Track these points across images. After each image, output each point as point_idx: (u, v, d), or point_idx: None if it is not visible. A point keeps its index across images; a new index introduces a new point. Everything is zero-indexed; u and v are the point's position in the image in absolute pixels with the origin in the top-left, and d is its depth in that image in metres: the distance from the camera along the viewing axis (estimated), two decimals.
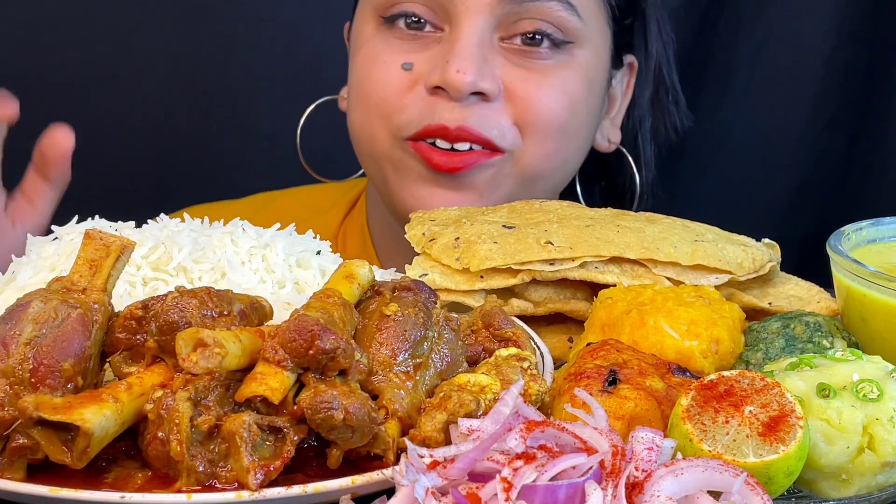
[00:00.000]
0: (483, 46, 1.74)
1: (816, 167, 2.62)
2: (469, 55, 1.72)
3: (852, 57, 2.54)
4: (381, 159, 1.84)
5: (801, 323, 1.33)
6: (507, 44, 1.78)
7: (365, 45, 1.84)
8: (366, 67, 1.82)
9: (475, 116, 1.74)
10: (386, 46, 1.80)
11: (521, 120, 1.78)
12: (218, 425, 1.03)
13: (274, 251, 1.40)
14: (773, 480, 1.04)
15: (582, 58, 1.82)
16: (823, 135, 2.60)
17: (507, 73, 1.77)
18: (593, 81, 1.86)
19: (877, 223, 1.46)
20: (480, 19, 1.74)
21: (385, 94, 1.79)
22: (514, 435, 0.99)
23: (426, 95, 1.76)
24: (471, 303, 1.43)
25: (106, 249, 1.15)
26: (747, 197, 2.59)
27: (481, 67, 1.73)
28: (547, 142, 1.80)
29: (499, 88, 1.76)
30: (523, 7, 1.75)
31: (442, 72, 1.72)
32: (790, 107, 2.57)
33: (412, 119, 1.77)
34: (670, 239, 1.48)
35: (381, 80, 1.79)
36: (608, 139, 1.99)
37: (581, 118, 1.85)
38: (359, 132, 1.87)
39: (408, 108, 1.77)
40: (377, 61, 1.81)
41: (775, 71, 2.53)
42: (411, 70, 1.77)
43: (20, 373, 1.04)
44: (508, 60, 1.77)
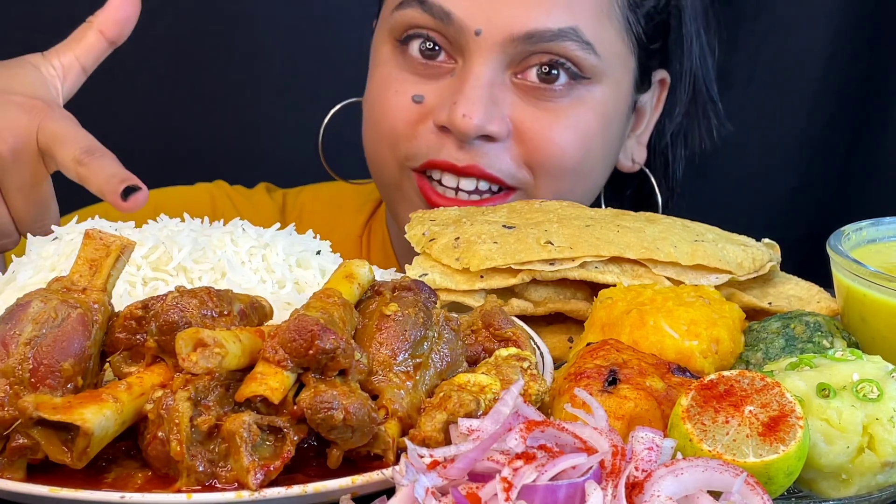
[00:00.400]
0: (493, 86, 1.71)
1: (816, 167, 2.62)
2: (477, 98, 1.69)
3: (852, 57, 2.54)
4: (388, 186, 1.84)
5: (801, 323, 1.33)
6: (520, 79, 1.74)
7: (380, 67, 1.82)
8: (379, 91, 1.81)
9: (483, 157, 1.72)
10: (399, 74, 1.78)
11: (531, 160, 1.75)
12: (218, 425, 1.03)
13: (274, 251, 1.40)
14: (773, 480, 1.04)
15: (599, 94, 1.78)
16: (823, 135, 2.60)
17: (518, 113, 1.73)
18: (611, 116, 1.81)
19: (877, 223, 1.46)
20: (491, 58, 1.71)
21: (394, 124, 1.77)
22: (514, 435, 0.99)
23: (435, 131, 1.74)
24: (471, 303, 1.43)
25: (106, 249, 1.15)
26: (747, 197, 2.59)
27: (489, 110, 1.70)
28: (560, 181, 1.77)
29: (507, 130, 1.73)
30: (536, 46, 1.71)
31: (449, 113, 1.70)
32: (790, 107, 2.57)
33: (419, 151, 1.76)
34: (670, 239, 1.48)
35: (391, 109, 1.78)
36: (632, 158, 1.95)
37: (596, 154, 1.81)
38: (370, 156, 1.86)
39: (416, 139, 1.76)
40: (389, 88, 1.79)
41: (775, 71, 2.53)
42: (422, 103, 1.75)
43: (20, 373, 1.04)
44: (520, 98, 1.74)
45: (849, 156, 2.61)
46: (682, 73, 1.94)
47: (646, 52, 1.86)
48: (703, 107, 2.00)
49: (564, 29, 1.71)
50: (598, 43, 1.74)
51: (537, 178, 1.76)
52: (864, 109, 2.56)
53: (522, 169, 1.76)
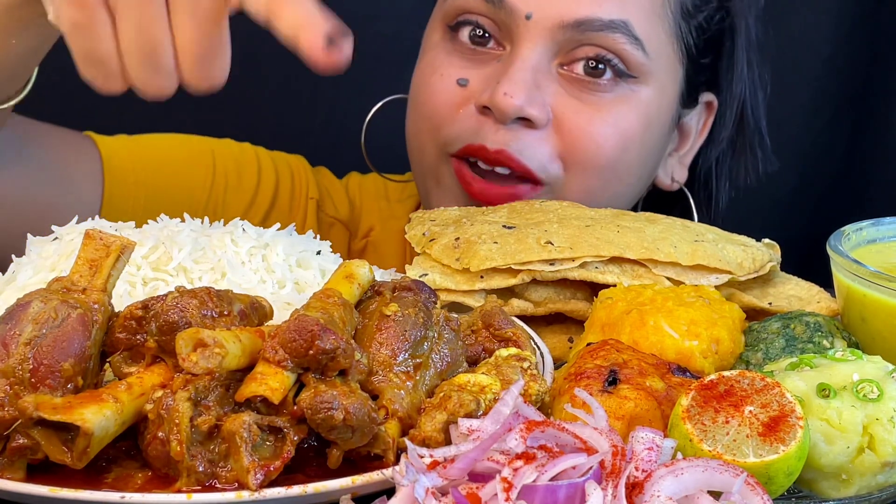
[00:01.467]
0: (538, 72, 1.71)
1: (816, 167, 2.62)
2: (520, 79, 1.69)
3: (852, 57, 2.54)
4: (426, 173, 1.83)
5: (801, 323, 1.33)
6: (566, 70, 1.73)
7: (428, 53, 1.83)
8: (424, 76, 1.81)
9: (517, 142, 1.71)
10: (446, 58, 1.79)
11: (566, 153, 1.73)
12: (218, 425, 1.03)
13: (274, 251, 1.40)
14: (773, 480, 1.04)
15: (644, 94, 1.76)
16: (823, 135, 2.60)
17: (560, 103, 1.72)
18: (653, 120, 1.79)
19: (877, 223, 1.46)
20: (540, 43, 1.70)
21: (436, 107, 1.77)
22: (514, 435, 0.99)
23: (475, 114, 1.74)
24: (471, 303, 1.43)
25: (106, 249, 1.15)
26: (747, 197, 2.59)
27: (531, 93, 1.69)
28: (590, 178, 1.75)
29: (547, 117, 1.72)
30: (586, 35, 1.70)
31: (491, 93, 1.69)
32: (790, 107, 2.57)
33: (458, 135, 1.75)
34: (670, 239, 1.49)
35: (435, 92, 1.78)
36: (672, 177, 1.93)
37: (633, 156, 1.78)
38: (411, 141, 1.86)
39: (456, 123, 1.75)
40: (435, 72, 1.79)
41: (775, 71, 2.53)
42: (466, 86, 1.75)
43: (20, 373, 1.04)
44: (564, 89, 1.73)
45: (849, 156, 2.61)
46: (730, 99, 1.92)
47: (694, 66, 1.85)
48: (751, 140, 1.98)
49: (615, 21, 1.70)
50: (648, 41, 1.74)
51: (569, 172, 1.75)
52: (864, 109, 2.57)
53: (555, 162, 1.74)
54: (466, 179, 1.74)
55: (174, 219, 1.45)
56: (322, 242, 1.49)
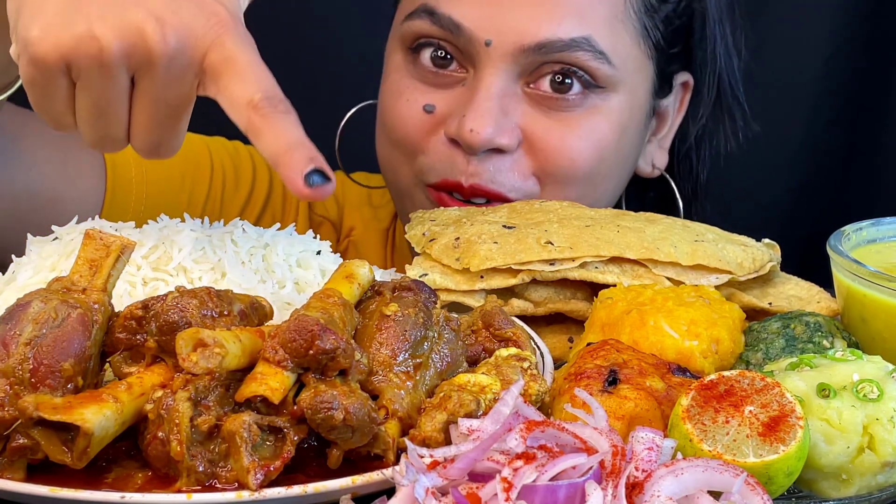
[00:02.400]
0: (504, 97, 1.69)
1: (816, 167, 2.62)
2: (486, 110, 1.67)
3: (852, 57, 2.54)
4: (401, 193, 1.83)
5: (801, 323, 1.33)
6: (532, 89, 1.71)
7: (392, 75, 1.81)
8: (390, 101, 1.80)
9: (489, 171, 1.70)
10: (410, 82, 1.77)
11: (541, 171, 1.73)
12: (218, 425, 1.03)
13: (274, 251, 1.40)
14: (773, 480, 1.04)
15: (614, 102, 1.74)
16: (823, 135, 2.60)
17: (529, 123, 1.71)
18: (627, 125, 1.78)
19: (877, 223, 1.46)
20: (502, 69, 1.68)
21: (407, 134, 1.76)
22: (514, 435, 0.99)
23: (446, 142, 1.73)
24: (471, 303, 1.43)
25: (106, 249, 1.15)
26: (747, 197, 2.59)
27: (499, 122, 1.67)
28: (568, 190, 1.75)
29: (518, 141, 1.71)
30: (548, 57, 1.68)
31: (458, 126, 1.68)
32: (790, 107, 2.57)
33: (433, 167, 1.75)
34: (670, 239, 1.49)
35: (403, 119, 1.77)
36: (652, 164, 1.92)
37: (609, 163, 1.78)
38: (384, 161, 1.85)
39: (429, 152, 1.75)
40: (401, 97, 1.77)
41: (775, 71, 2.53)
42: (433, 113, 1.74)
43: (20, 373, 1.04)
44: (532, 108, 1.71)
45: (849, 156, 2.61)
46: (706, 75, 1.90)
47: (665, 57, 1.83)
48: (729, 108, 1.96)
49: (577, 39, 1.68)
50: (613, 51, 1.71)
51: (545, 186, 1.74)
52: (865, 109, 2.57)
53: (529, 180, 1.74)
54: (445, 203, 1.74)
55: (174, 219, 1.45)
56: (322, 242, 1.49)
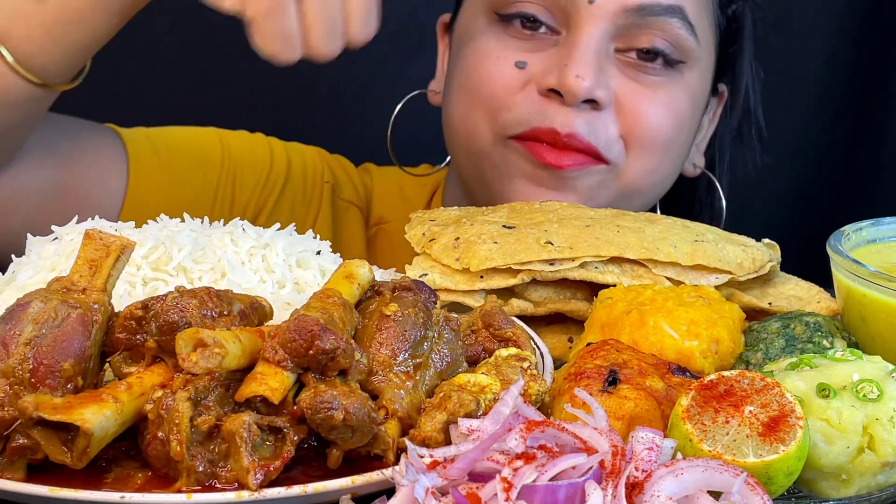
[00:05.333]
0: (600, 54, 1.73)
1: (816, 167, 2.62)
2: (588, 61, 1.71)
3: (852, 57, 2.54)
4: (479, 156, 1.83)
5: (801, 323, 1.33)
6: (621, 56, 1.77)
7: (477, 38, 1.82)
8: (476, 61, 1.81)
9: (585, 124, 1.73)
10: (499, 42, 1.79)
11: (628, 132, 1.77)
12: (218, 425, 1.03)
13: (274, 251, 1.40)
14: (773, 480, 1.04)
15: (691, 78, 1.82)
16: (823, 135, 2.60)
17: (620, 85, 1.76)
18: (698, 102, 1.86)
19: (877, 223, 1.46)
20: (601, 27, 1.73)
21: (495, 90, 1.77)
22: (514, 435, 0.99)
23: (537, 97, 1.75)
24: (471, 303, 1.43)
25: (106, 249, 1.15)
26: (747, 197, 2.59)
27: (598, 75, 1.72)
28: (651, 157, 1.80)
29: (611, 98, 1.75)
30: (645, 20, 1.74)
31: (560, 75, 1.71)
32: (790, 107, 2.57)
33: (520, 119, 1.76)
34: (670, 239, 1.49)
35: (492, 76, 1.78)
36: (693, 163, 1.99)
37: (684, 137, 1.85)
38: (457, 126, 1.85)
39: (517, 106, 1.76)
40: (490, 56, 1.79)
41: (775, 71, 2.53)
42: (525, 69, 1.76)
43: (20, 373, 1.04)
44: (621, 72, 1.77)
45: (849, 156, 2.61)
46: (736, 90, 1.99)
47: (721, 54, 1.91)
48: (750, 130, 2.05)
49: (673, 6, 1.76)
50: (698, 27, 1.79)
51: (631, 151, 1.78)
52: (865, 109, 2.57)
53: (619, 142, 1.78)
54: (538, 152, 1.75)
55: (174, 219, 1.45)
56: (322, 242, 1.49)
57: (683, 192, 2.06)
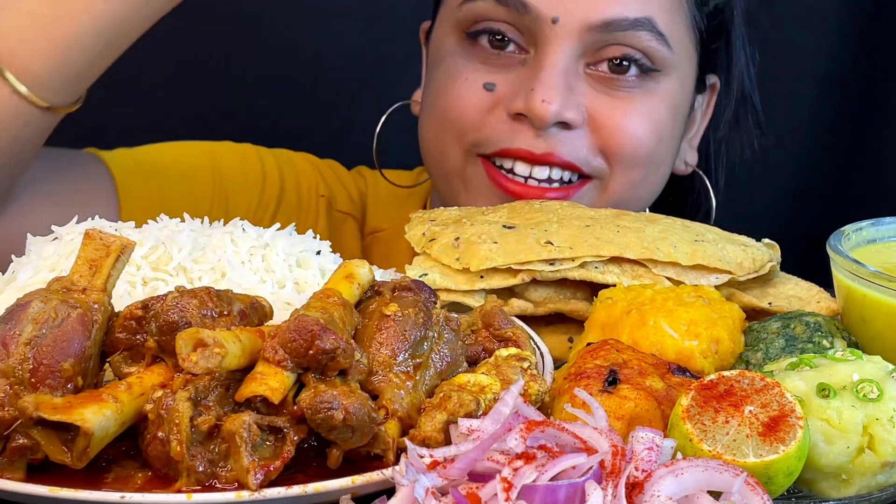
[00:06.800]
0: (568, 74, 1.71)
1: (816, 167, 2.62)
2: (554, 84, 1.68)
3: (852, 58, 2.54)
4: (451, 175, 1.81)
5: (801, 323, 1.33)
6: (592, 70, 1.74)
7: (446, 59, 1.81)
8: (446, 82, 1.79)
9: (558, 145, 1.72)
10: (468, 64, 1.77)
11: (607, 148, 1.75)
12: (218, 425, 1.03)
13: (274, 251, 1.40)
14: (773, 480, 1.04)
15: (668, 86, 1.79)
16: (823, 135, 2.60)
17: (592, 101, 1.73)
18: (678, 109, 1.83)
19: (877, 223, 1.46)
20: (567, 46, 1.70)
21: (463, 112, 1.76)
22: (514, 435, 0.99)
23: (507, 119, 1.73)
24: (471, 303, 1.43)
25: (106, 249, 1.15)
26: (747, 197, 2.59)
27: (566, 97, 1.69)
28: (633, 171, 1.77)
29: (583, 117, 1.73)
30: (612, 35, 1.71)
31: (526, 100, 1.69)
32: (790, 107, 2.57)
33: (489, 140, 1.74)
34: (670, 239, 1.49)
35: (461, 98, 1.76)
36: (685, 161, 1.97)
37: (666, 146, 1.82)
38: (430, 146, 1.84)
39: (487, 128, 1.75)
40: (458, 78, 1.77)
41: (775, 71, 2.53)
42: (493, 92, 1.74)
43: (20, 373, 1.04)
44: (593, 87, 1.74)
45: (849, 156, 2.61)
46: (730, 78, 1.96)
47: (705, 52, 1.88)
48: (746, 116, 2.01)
49: (640, 19, 1.72)
50: (670, 35, 1.76)
51: (613, 165, 1.76)
52: (865, 110, 2.57)
53: (598, 157, 1.75)
54: (501, 183, 1.74)
55: (174, 219, 1.45)
56: (322, 242, 1.49)
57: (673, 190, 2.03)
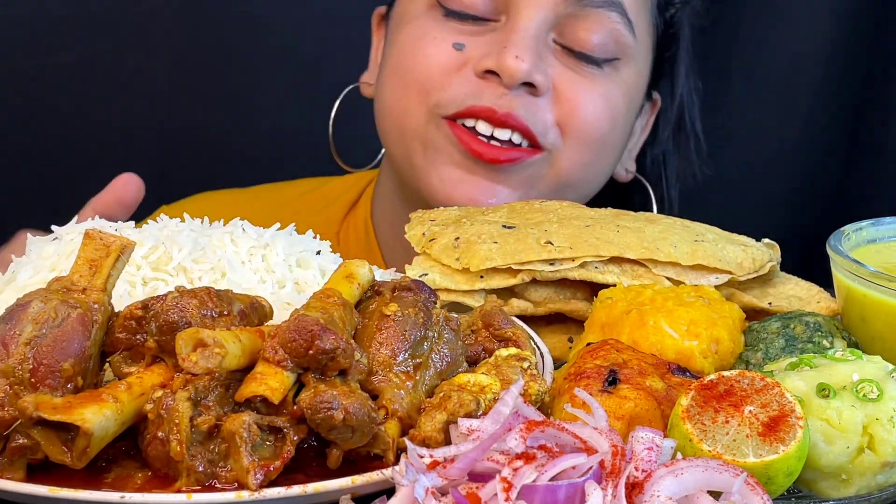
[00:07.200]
0: (539, 41, 1.74)
1: (816, 167, 2.62)
2: (528, 45, 1.71)
3: (852, 57, 2.54)
4: (410, 137, 1.81)
5: (801, 323, 1.33)
6: (559, 45, 1.77)
7: (413, 22, 1.82)
8: (412, 42, 1.80)
9: (522, 107, 1.73)
10: (437, 24, 1.79)
11: (565, 121, 1.77)
12: (218, 425, 1.03)
13: (274, 251, 1.40)
14: (773, 480, 1.04)
15: (627, 75, 1.82)
16: (823, 135, 2.60)
17: (558, 74, 1.76)
18: (633, 101, 1.87)
19: (877, 223, 1.46)
20: (542, 13, 1.74)
21: (429, 71, 1.77)
22: (514, 435, 0.99)
23: (473, 78, 1.75)
24: (471, 303, 1.43)
25: (106, 249, 1.15)
26: (747, 197, 2.59)
27: (537, 60, 1.72)
28: (586, 150, 1.79)
29: (549, 85, 1.75)
30: (584, 11, 1.75)
31: (498, 57, 1.71)
32: (790, 107, 2.57)
33: (454, 98, 1.75)
34: (670, 239, 1.49)
35: (428, 56, 1.77)
36: (626, 168, 2.00)
37: (618, 133, 1.85)
38: (390, 108, 1.84)
39: (452, 87, 1.76)
40: (426, 37, 1.79)
41: (775, 71, 2.53)
42: (462, 51, 1.76)
43: (20, 373, 1.04)
44: (560, 61, 1.77)
45: (849, 156, 2.61)
46: (672, 98, 2.00)
47: (658, 58, 1.92)
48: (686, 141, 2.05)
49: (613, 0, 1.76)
50: (636, 25, 1.80)
51: (567, 140, 1.78)
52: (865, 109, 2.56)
53: (554, 129, 1.77)
54: (469, 144, 1.74)
55: (174, 219, 1.45)
56: (322, 242, 1.49)
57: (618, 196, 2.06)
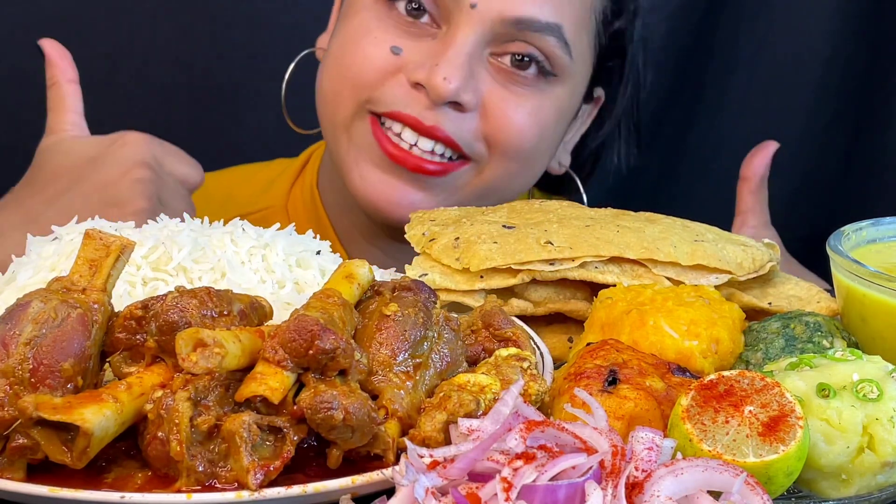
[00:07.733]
0: (473, 59, 1.76)
1: (816, 167, 2.62)
2: (459, 65, 1.74)
3: (852, 57, 2.54)
4: (338, 126, 1.84)
5: (801, 323, 1.33)
6: (494, 60, 1.80)
7: (359, 14, 1.83)
8: (355, 36, 1.82)
9: (448, 121, 1.76)
10: (380, 23, 1.80)
11: (492, 136, 1.81)
12: (218, 425, 1.03)
13: (274, 251, 1.40)
14: (773, 480, 1.04)
15: (561, 92, 1.86)
16: (823, 135, 2.60)
17: (489, 90, 1.79)
18: (563, 114, 1.90)
19: (877, 223, 1.46)
20: (479, 32, 1.75)
21: (364, 70, 1.79)
22: (514, 435, 0.99)
23: (406, 85, 1.77)
24: (471, 303, 1.43)
25: (106, 249, 1.15)
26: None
27: (467, 80, 1.75)
28: (511, 162, 1.84)
29: (476, 102, 1.78)
30: (522, 33, 1.77)
31: (428, 73, 1.73)
32: (790, 107, 2.57)
33: (385, 100, 1.78)
34: (670, 239, 1.48)
35: (367, 55, 1.79)
36: (559, 162, 2.04)
37: (546, 145, 1.89)
38: (326, 95, 1.87)
39: (385, 89, 1.78)
40: (368, 35, 1.80)
41: (775, 71, 2.53)
42: (399, 56, 1.78)
43: (20, 373, 1.04)
44: (492, 76, 1.80)
45: (849, 156, 2.61)
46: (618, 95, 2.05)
47: (599, 67, 1.96)
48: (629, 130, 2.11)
49: (551, 24, 1.78)
50: (574, 46, 1.82)
51: (493, 153, 1.82)
52: (864, 109, 2.57)
53: (481, 142, 1.81)
54: (384, 144, 1.78)
55: (174, 219, 1.45)
56: (322, 242, 1.49)
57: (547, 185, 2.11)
